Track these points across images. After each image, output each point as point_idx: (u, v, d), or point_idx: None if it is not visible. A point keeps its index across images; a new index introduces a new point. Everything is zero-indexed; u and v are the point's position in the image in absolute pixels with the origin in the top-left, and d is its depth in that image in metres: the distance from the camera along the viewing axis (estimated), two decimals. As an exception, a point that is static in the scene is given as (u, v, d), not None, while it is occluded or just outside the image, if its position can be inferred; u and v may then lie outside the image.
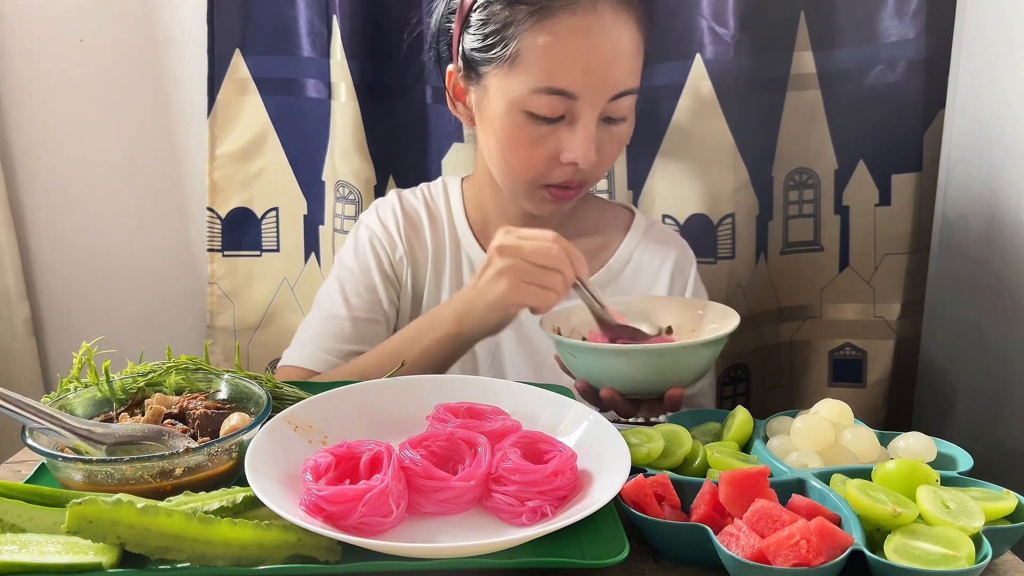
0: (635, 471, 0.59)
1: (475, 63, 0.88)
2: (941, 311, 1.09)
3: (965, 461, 0.62)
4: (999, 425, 0.97)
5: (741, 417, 0.69)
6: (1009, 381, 0.95)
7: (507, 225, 0.82)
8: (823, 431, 0.64)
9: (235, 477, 0.61)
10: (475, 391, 0.70)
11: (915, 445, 0.63)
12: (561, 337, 0.79)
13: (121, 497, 0.48)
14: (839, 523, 0.54)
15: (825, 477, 0.59)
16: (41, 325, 1.33)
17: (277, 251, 1.27)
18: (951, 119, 1.05)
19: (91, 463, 0.56)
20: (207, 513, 0.51)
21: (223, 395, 0.69)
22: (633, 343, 0.78)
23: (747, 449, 0.68)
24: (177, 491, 0.55)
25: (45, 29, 1.22)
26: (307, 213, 1.26)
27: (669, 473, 0.59)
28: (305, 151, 1.23)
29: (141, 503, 0.49)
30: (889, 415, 1.24)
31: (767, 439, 0.67)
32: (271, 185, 1.25)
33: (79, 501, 0.47)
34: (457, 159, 1.20)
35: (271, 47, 1.20)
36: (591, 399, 0.79)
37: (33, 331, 1.30)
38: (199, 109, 1.24)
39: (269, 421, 0.62)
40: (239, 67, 1.20)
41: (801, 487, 0.58)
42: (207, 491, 0.54)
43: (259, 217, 1.26)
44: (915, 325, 1.18)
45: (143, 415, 0.65)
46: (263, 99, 1.21)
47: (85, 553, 0.49)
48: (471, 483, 0.57)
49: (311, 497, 0.53)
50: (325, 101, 1.20)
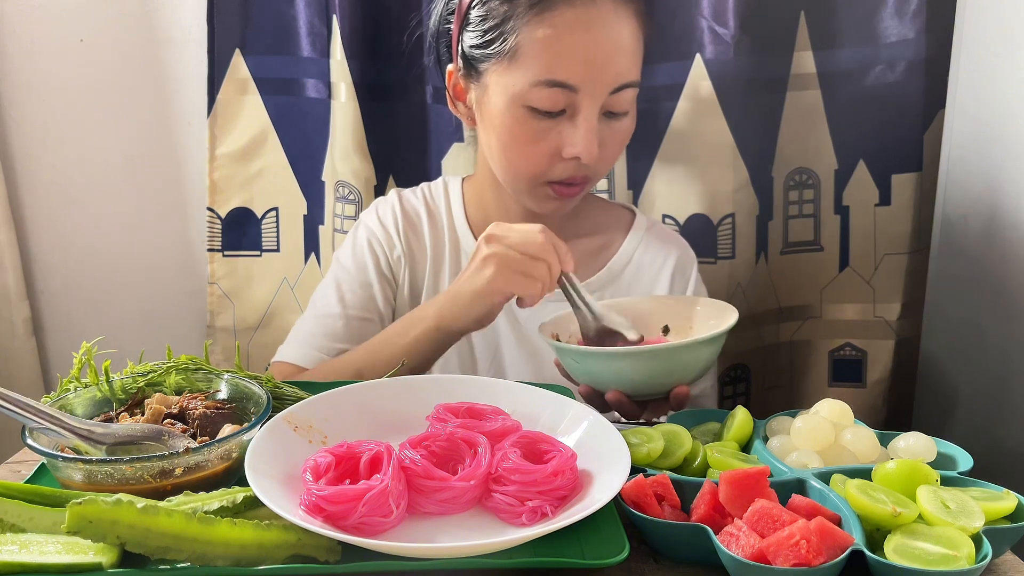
0: (635, 471, 0.59)
1: (475, 61, 0.88)
2: (941, 311, 1.09)
3: (965, 461, 0.62)
4: (999, 425, 0.97)
5: (741, 417, 0.69)
6: (1009, 381, 0.95)
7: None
8: (823, 431, 0.64)
9: (235, 477, 0.61)
10: (475, 391, 0.70)
11: (915, 445, 0.63)
12: (562, 343, 0.79)
13: (121, 497, 0.48)
14: (839, 523, 0.54)
15: (825, 477, 0.59)
16: (41, 325, 1.33)
17: (277, 251, 1.27)
18: (951, 119, 1.05)
19: (91, 463, 0.56)
20: (207, 513, 0.51)
21: (223, 395, 0.69)
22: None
23: (747, 449, 0.68)
24: (177, 491, 0.55)
25: (45, 29, 1.22)
26: (307, 213, 1.26)
27: (669, 473, 0.59)
28: (305, 151, 1.23)
29: (141, 503, 0.49)
30: (889, 415, 1.24)
31: (767, 439, 0.67)
32: (271, 185, 1.25)
33: (79, 501, 0.47)
34: (457, 159, 1.20)
35: (271, 47, 1.20)
36: (596, 404, 0.79)
37: (33, 331, 1.30)
38: (199, 109, 1.24)
39: (269, 421, 0.62)
40: (239, 67, 1.20)
41: (801, 487, 0.58)
42: (207, 491, 0.54)
43: (259, 217, 1.26)
44: (915, 325, 1.18)
45: (143, 415, 0.65)
46: (263, 99, 1.21)
47: (85, 553, 0.49)
48: (471, 483, 0.57)
49: (311, 497, 0.53)
50: (325, 101, 1.20)
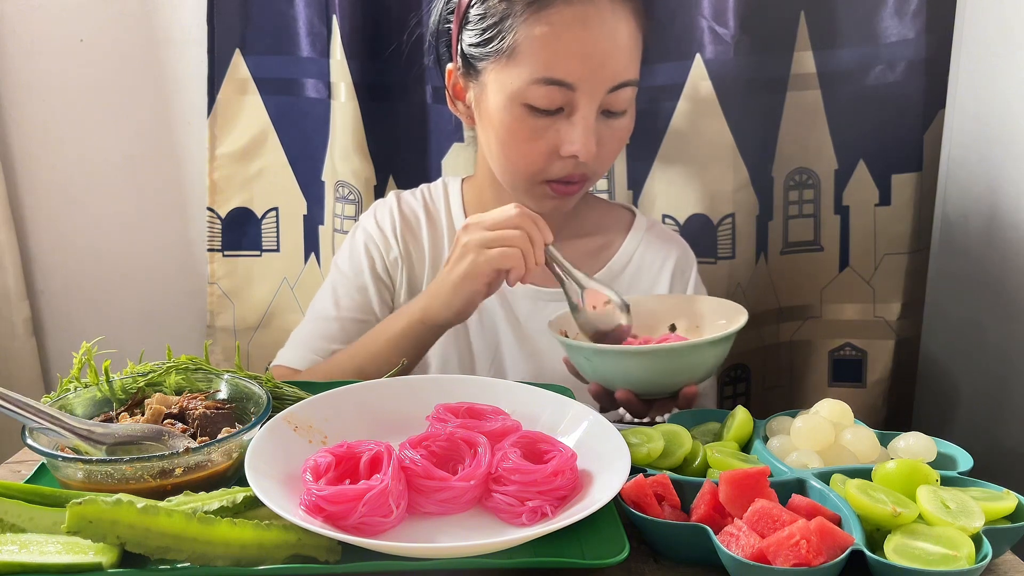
0: (635, 471, 0.59)
1: (474, 59, 0.89)
2: (941, 311, 1.09)
3: (965, 461, 0.62)
4: (999, 425, 0.97)
5: (741, 417, 0.69)
6: (1009, 381, 0.95)
7: None
8: (823, 431, 0.64)
9: (235, 477, 0.61)
10: (475, 391, 0.70)
11: (915, 445, 0.63)
12: (573, 341, 0.79)
13: (121, 497, 0.48)
14: (839, 523, 0.54)
15: (825, 477, 0.58)
16: (41, 325, 1.33)
17: (277, 251, 1.27)
18: (951, 119, 1.04)
19: (91, 463, 0.56)
20: (207, 513, 0.51)
21: (223, 395, 0.69)
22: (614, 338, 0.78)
23: (747, 449, 0.68)
24: (177, 491, 0.55)
25: (45, 29, 1.22)
26: (307, 213, 1.26)
27: (669, 473, 0.59)
28: (305, 151, 1.23)
29: (141, 503, 0.49)
30: (889, 415, 1.24)
31: (767, 439, 0.67)
32: (271, 185, 1.25)
33: (79, 501, 0.47)
34: (457, 159, 1.20)
35: (271, 47, 1.20)
36: (605, 401, 0.79)
37: (33, 331, 1.30)
38: (199, 109, 1.24)
39: (269, 421, 0.62)
40: (239, 67, 1.20)
41: (801, 487, 0.58)
42: (207, 491, 0.54)
43: (259, 217, 1.26)
44: (915, 325, 1.18)
45: (143, 415, 0.65)
46: (263, 99, 1.21)
47: (85, 553, 0.49)
48: (471, 483, 0.57)
49: (311, 497, 0.53)
50: (325, 101, 1.20)
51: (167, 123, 1.27)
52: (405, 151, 1.22)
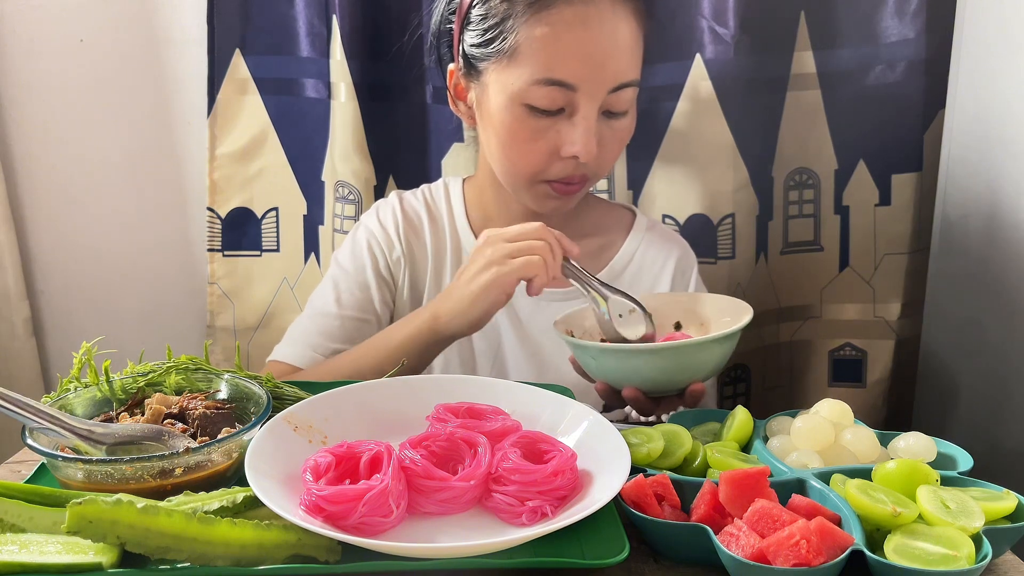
0: (635, 471, 0.59)
1: (475, 60, 0.89)
2: (941, 311, 1.09)
3: (965, 461, 0.62)
4: (999, 425, 0.97)
5: (741, 417, 0.69)
6: (1009, 381, 0.95)
7: (510, 225, 0.82)
8: (823, 431, 0.64)
9: (235, 477, 0.61)
10: (475, 391, 0.70)
11: (915, 445, 0.63)
12: (579, 340, 0.79)
13: (121, 497, 0.48)
14: (839, 523, 0.54)
15: (825, 477, 0.58)
16: (41, 325, 1.33)
17: (277, 251, 1.27)
18: (951, 119, 1.05)
19: (91, 463, 0.56)
20: (207, 513, 0.51)
21: (223, 395, 0.69)
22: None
23: (747, 449, 0.68)
24: (177, 491, 0.55)
25: (45, 29, 1.22)
26: (307, 213, 1.26)
27: (669, 473, 0.59)
28: (305, 151, 1.23)
29: (141, 503, 0.49)
30: (889, 415, 1.24)
31: (767, 439, 0.67)
32: (271, 185, 1.25)
33: (79, 501, 0.47)
34: (457, 159, 1.20)
35: (271, 47, 1.20)
36: (612, 400, 0.79)
37: (33, 331, 1.30)
38: (199, 109, 1.24)
39: (269, 421, 0.62)
40: (239, 67, 1.20)
41: (801, 487, 0.58)
42: (207, 491, 0.54)
43: (259, 217, 1.26)
44: (915, 325, 1.18)
45: (143, 415, 0.65)
46: (263, 99, 1.21)
47: (85, 553, 0.49)
48: (471, 483, 0.57)
49: (311, 497, 0.53)
50: (325, 101, 1.20)
51: (167, 123, 1.27)
52: (405, 151, 1.22)
